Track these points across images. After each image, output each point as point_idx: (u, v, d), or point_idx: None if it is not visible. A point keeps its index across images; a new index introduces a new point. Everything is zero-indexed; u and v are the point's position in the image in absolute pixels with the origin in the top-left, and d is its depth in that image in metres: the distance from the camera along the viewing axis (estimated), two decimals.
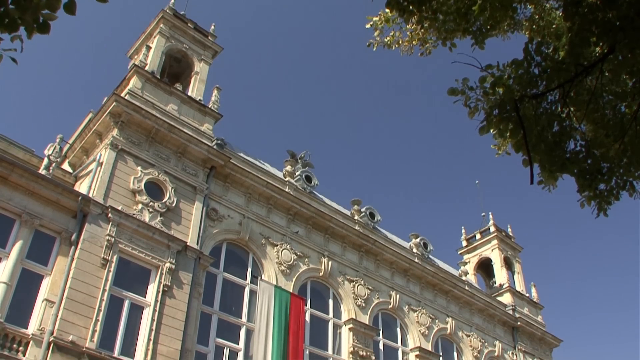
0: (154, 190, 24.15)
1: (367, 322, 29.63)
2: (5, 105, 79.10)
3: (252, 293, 25.92)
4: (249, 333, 24.95)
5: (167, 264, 22.76)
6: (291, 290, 26.63)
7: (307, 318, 27.28)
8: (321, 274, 29.15)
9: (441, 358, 33.13)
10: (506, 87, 8.02)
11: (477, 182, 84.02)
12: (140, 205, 23.31)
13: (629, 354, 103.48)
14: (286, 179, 30.09)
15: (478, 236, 46.72)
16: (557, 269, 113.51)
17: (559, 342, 42.59)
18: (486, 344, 36.63)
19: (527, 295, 43.54)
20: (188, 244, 23.81)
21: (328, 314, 28.95)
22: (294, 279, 27.56)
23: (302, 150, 34.28)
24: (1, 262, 19.79)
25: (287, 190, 29.23)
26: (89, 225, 21.56)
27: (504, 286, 42.36)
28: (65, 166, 26.48)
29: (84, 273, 20.61)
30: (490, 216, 46.83)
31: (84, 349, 19.43)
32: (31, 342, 18.88)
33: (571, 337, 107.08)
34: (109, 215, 22.04)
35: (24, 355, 18.60)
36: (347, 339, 28.60)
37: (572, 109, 8.00)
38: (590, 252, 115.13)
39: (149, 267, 22.65)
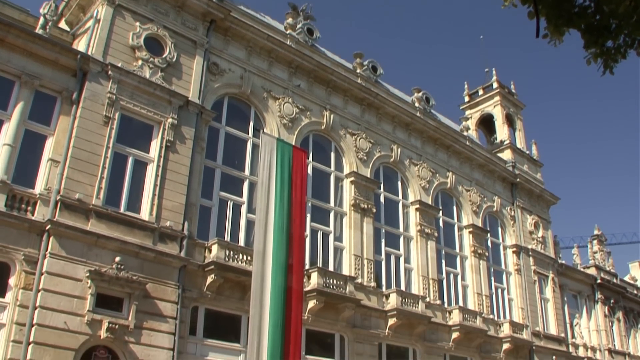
0: (153, 45, 23.72)
1: (368, 175, 30.13)
2: None
3: (255, 146, 26.17)
4: (252, 186, 25.42)
5: (169, 120, 22.81)
6: (293, 143, 26.81)
7: (309, 171, 27.67)
8: (323, 127, 29.29)
9: (441, 212, 33.96)
10: None
11: (481, 37, 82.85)
12: (140, 62, 23.01)
13: (626, 213, 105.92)
14: (287, 32, 29.55)
15: (480, 92, 46.48)
16: (559, 128, 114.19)
17: (557, 199, 43.51)
18: (485, 199, 37.41)
19: (528, 152, 44.03)
20: (189, 98, 23.73)
21: (330, 167, 29.38)
22: (296, 132, 27.73)
23: (304, 2, 33.38)
24: (4, 125, 19.86)
25: (288, 43, 28.77)
26: (89, 83, 21.39)
27: (505, 143, 42.75)
28: (62, 25, 25.78)
29: (87, 131, 20.73)
30: (494, 72, 46.45)
31: (91, 206, 19.91)
32: (39, 201, 19.32)
33: (569, 196, 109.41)
34: (109, 72, 21.81)
35: (33, 215, 19.06)
36: (348, 191, 29.18)
37: None
38: (593, 111, 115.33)
39: (152, 123, 22.72)
